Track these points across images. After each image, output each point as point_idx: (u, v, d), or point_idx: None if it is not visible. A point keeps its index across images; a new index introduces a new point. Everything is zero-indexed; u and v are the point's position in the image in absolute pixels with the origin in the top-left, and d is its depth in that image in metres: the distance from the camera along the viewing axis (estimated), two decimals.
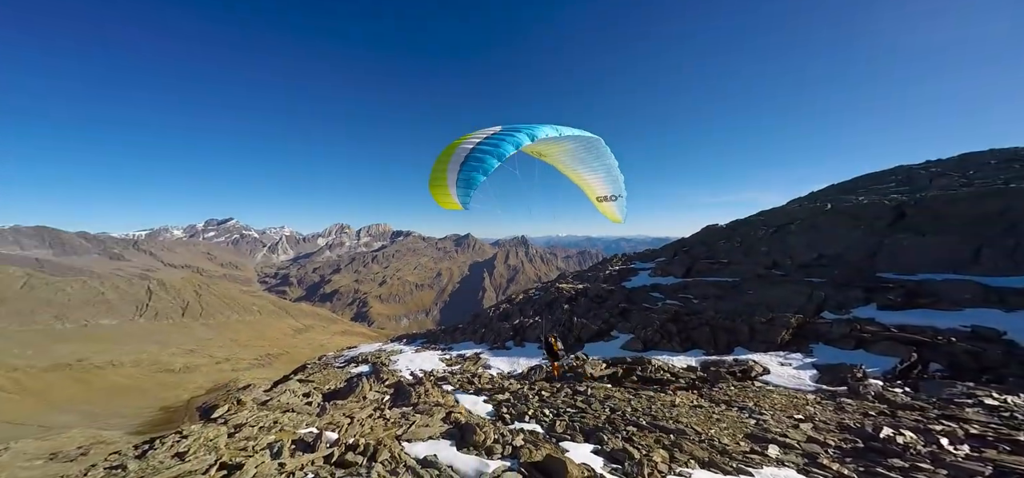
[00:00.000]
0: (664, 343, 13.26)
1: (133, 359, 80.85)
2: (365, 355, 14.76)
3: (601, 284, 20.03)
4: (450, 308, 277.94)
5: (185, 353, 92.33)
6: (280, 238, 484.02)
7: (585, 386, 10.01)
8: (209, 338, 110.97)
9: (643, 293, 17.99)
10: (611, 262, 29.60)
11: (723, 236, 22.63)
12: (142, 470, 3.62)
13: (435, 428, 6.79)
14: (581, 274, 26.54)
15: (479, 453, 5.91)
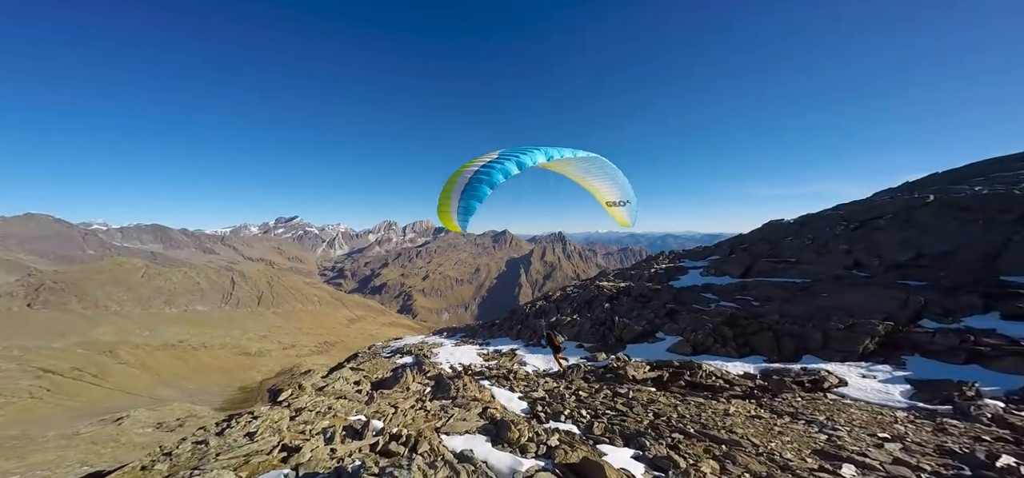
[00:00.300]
0: (717, 347, 12.35)
1: (220, 342, 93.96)
2: (409, 347, 15.61)
3: (645, 283, 19.13)
4: (487, 303, 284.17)
5: (259, 338, 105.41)
6: (337, 234, 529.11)
7: (626, 388, 9.65)
8: (278, 325, 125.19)
9: (693, 293, 16.88)
10: (657, 260, 28.13)
11: (790, 232, 20.43)
12: (219, 446, 4.16)
13: (471, 423, 6.98)
14: (623, 272, 25.52)
15: (513, 451, 5.95)
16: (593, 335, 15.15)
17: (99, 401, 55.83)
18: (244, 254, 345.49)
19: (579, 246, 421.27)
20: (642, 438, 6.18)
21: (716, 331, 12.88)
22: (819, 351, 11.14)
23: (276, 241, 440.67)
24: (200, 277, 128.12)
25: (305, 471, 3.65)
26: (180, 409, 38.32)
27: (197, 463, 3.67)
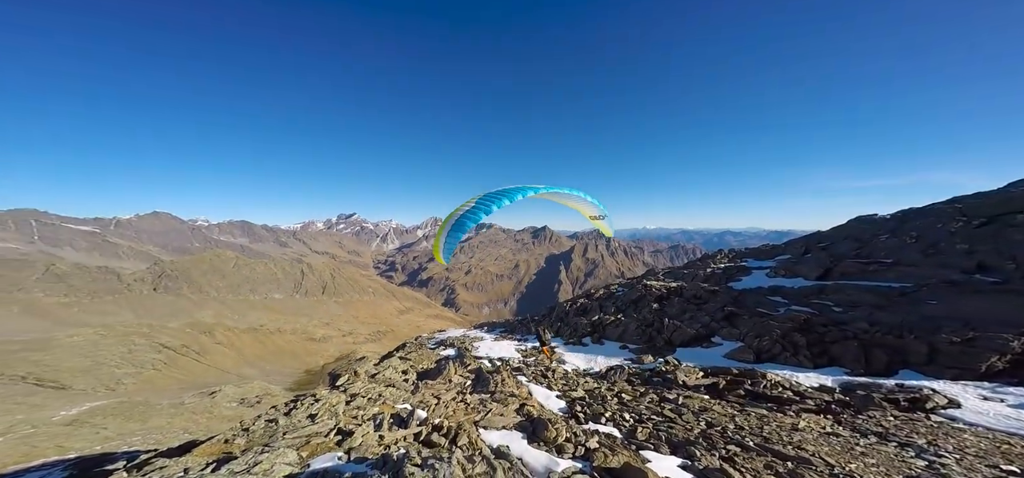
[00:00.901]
0: (786, 356, 11.17)
1: (291, 327, 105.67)
2: (452, 339, 16.25)
3: (700, 283, 17.80)
4: (526, 299, 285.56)
5: (323, 325, 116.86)
6: (389, 230, 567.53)
7: (675, 394, 9.13)
8: (339, 314, 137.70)
9: (757, 296, 15.38)
10: (714, 259, 25.98)
11: (886, 229, 17.69)
12: (286, 426, 4.72)
13: (509, 419, 7.08)
14: (674, 271, 23.90)
15: (549, 450, 5.93)
16: (639, 336, 14.49)
17: (199, 375, 66.42)
18: (311, 248, 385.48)
19: (624, 243, 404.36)
20: (692, 447, 5.82)
21: (785, 338, 11.60)
22: (923, 367, 9.55)
23: (338, 236, 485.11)
24: (276, 268, 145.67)
25: (356, 455, 3.99)
26: (259, 387, 44.27)
27: (267, 440, 4.20)
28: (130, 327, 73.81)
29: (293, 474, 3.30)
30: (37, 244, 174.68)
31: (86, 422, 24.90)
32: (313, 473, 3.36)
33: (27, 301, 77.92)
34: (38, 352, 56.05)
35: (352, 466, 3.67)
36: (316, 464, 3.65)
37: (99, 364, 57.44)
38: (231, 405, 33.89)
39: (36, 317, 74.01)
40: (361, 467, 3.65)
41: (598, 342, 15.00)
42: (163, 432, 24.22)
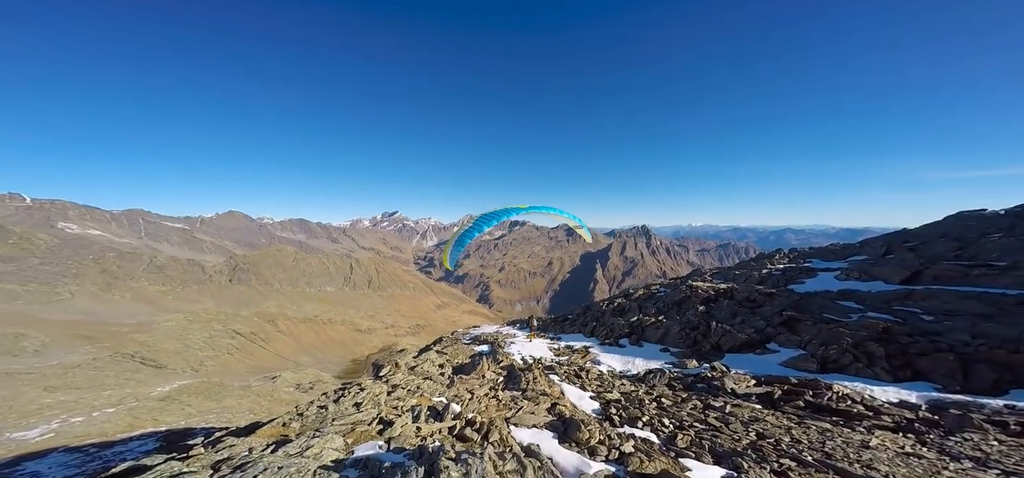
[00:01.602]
0: (858, 367, 10.01)
1: (341, 319, 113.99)
2: (486, 335, 16.56)
3: (754, 285, 16.42)
4: (560, 297, 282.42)
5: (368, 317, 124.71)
6: (428, 227, 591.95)
7: (722, 402, 8.59)
8: (383, 307, 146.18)
9: (823, 300, 13.89)
10: (771, 259, 23.76)
11: (999, 227, 15.14)
12: (334, 413, 5.15)
13: (540, 417, 7.10)
14: (723, 272, 22.08)
15: (581, 451, 5.86)
16: (682, 340, 13.74)
17: (263, 361, 74.39)
18: (359, 244, 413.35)
19: (666, 241, 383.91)
20: (739, 459, 5.45)
21: (859, 347, 10.35)
22: None
23: (382, 233, 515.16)
24: (329, 263, 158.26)
25: (395, 444, 4.26)
26: (312, 374, 48.66)
27: (318, 425, 4.62)
28: (211, 314, 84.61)
29: (339, 459, 3.61)
30: (144, 239, 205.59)
31: (175, 399, 29.05)
32: (356, 459, 3.64)
33: (136, 289, 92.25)
34: (143, 334, 66.23)
35: (391, 455, 3.93)
36: (359, 451, 3.95)
37: (187, 347, 66.65)
38: (289, 390, 37.70)
39: (142, 303, 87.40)
40: (399, 457, 3.89)
41: (636, 344, 14.45)
42: (233, 412, 27.56)
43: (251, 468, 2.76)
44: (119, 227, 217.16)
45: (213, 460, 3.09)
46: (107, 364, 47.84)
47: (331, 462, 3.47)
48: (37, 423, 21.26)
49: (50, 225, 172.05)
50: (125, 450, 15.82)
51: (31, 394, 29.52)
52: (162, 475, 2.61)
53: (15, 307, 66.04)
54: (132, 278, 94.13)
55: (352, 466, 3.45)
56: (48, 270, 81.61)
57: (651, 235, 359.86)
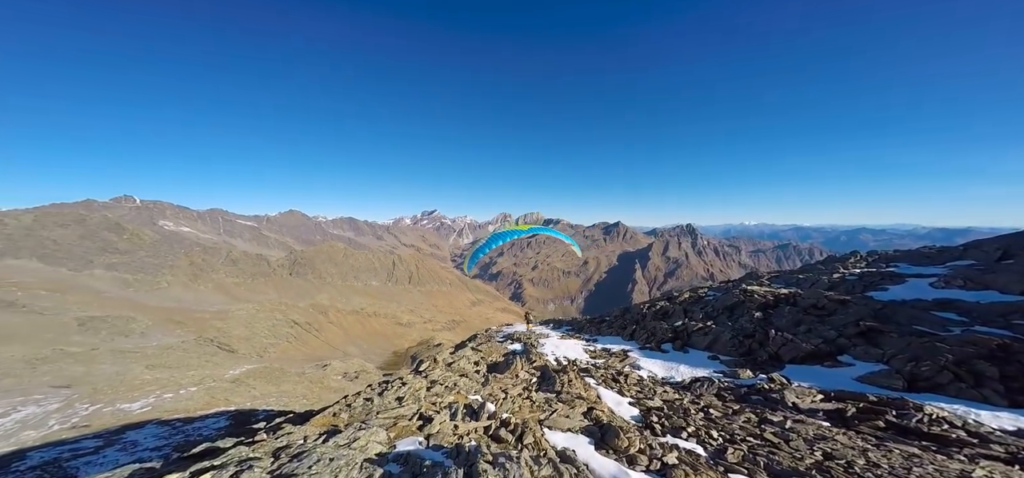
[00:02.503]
0: (959, 388, 8.64)
1: (384, 312, 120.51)
2: (519, 334, 16.57)
3: (823, 291, 14.79)
4: (595, 298, 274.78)
5: (408, 312, 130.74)
6: (464, 225, 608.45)
7: (782, 416, 7.86)
8: (421, 302, 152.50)
9: (914, 310, 12.15)
10: (845, 262, 21.13)
11: None
12: (379, 405, 5.45)
13: (575, 422, 6.96)
14: (784, 275, 19.92)
15: (619, 459, 5.65)
16: (734, 348, 12.74)
17: (316, 349, 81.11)
18: (401, 241, 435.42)
19: (715, 240, 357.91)
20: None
21: (962, 366, 8.90)
22: None
23: (421, 231, 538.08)
24: (374, 259, 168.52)
25: (434, 441, 4.41)
26: (358, 364, 52.17)
27: (364, 417, 4.92)
28: (274, 304, 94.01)
29: (382, 452, 3.81)
30: (222, 235, 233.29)
31: (243, 381, 32.66)
32: (398, 454, 3.81)
33: (216, 280, 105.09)
34: (220, 321, 75.26)
35: (430, 452, 4.07)
36: (401, 446, 4.14)
37: (254, 334, 74.71)
38: (337, 378, 40.81)
39: (220, 292, 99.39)
40: (438, 455, 4.02)
41: (681, 350, 13.63)
42: (289, 396, 30.39)
43: (306, 458, 3.00)
44: (203, 224, 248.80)
45: (274, 447, 3.42)
46: (192, 347, 55.18)
47: (375, 455, 3.68)
48: (139, 397, 25.12)
49: (153, 223, 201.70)
50: (202, 426, 18.13)
51: (136, 370, 34.89)
52: (233, 459, 2.93)
53: (127, 293, 78.35)
54: (213, 270, 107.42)
55: (394, 460, 3.63)
56: (151, 262, 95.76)
57: (697, 234, 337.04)
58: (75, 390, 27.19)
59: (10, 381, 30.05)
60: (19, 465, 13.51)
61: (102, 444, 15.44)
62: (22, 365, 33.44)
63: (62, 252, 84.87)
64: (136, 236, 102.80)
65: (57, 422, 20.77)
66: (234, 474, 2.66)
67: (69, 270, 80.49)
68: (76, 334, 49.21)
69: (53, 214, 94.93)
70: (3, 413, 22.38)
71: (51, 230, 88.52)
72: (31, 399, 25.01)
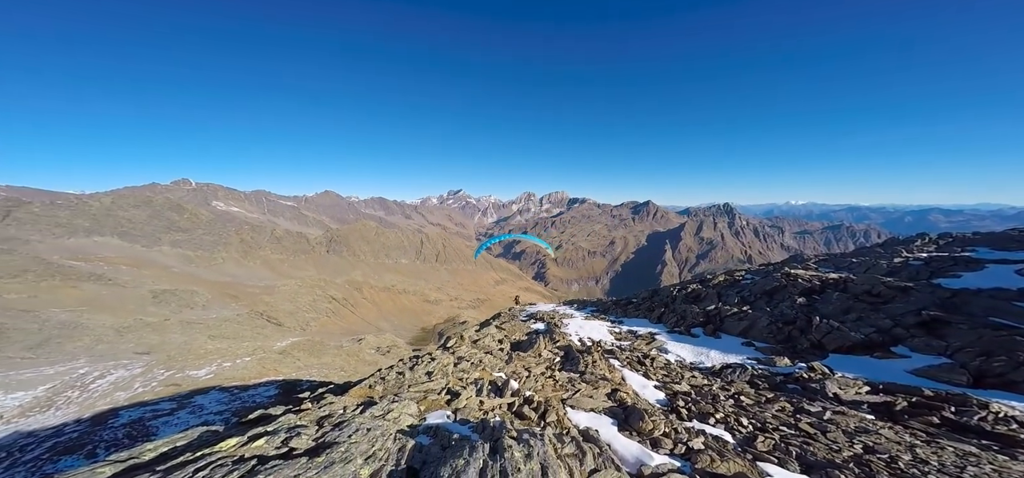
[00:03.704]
0: None
1: (413, 289, 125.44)
2: (542, 314, 16.70)
3: (880, 276, 13.59)
4: (621, 279, 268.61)
5: (435, 289, 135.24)
6: (488, 205, 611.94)
7: (820, 407, 7.54)
8: (448, 280, 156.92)
9: (991, 300, 10.91)
10: (908, 245, 19.09)
11: None
12: (410, 379, 5.79)
13: (598, 402, 7.02)
14: (833, 258, 18.29)
15: (643, 441, 5.68)
16: (771, 335, 12.14)
17: (352, 324, 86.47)
18: (428, 220, 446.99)
19: (755, 221, 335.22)
20: (836, 472, 4.80)
21: None
22: None
23: (447, 210, 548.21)
24: (403, 238, 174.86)
25: (461, 415, 4.64)
26: (389, 339, 55.24)
27: (397, 390, 5.25)
28: (314, 281, 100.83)
29: (413, 424, 4.07)
30: (267, 215, 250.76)
31: (289, 353, 35.70)
32: (428, 426, 4.06)
33: (263, 257, 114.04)
34: (267, 295, 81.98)
35: (458, 426, 4.29)
36: (430, 418, 4.40)
37: (298, 308, 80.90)
38: (371, 352, 43.57)
39: (267, 268, 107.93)
40: (464, 428, 4.24)
41: (713, 335, 13.18)
42: (329, 368, 32.89)
43: (346, 427, 3.28)
44: (250, 205, 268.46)
45: (318, 416, 3.77)
46: (245, 320, 60.89)
47: (407, 427, 3.94)
48: (203, 365, 28.33)
49: (207, 203, 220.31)
50: (256, 393, 20.22)
51: (200, 340, 39.18)
52: (283, 426, 3.27)
53: (190, 269, 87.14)
54: (260, 247, 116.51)
55: (424, 432, 3.87)
56: (208, 239, 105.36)
57: (735, 214, 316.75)
58: (153, 356, 31.14)
59: (104, 347, 34.92)
60: (114, 422, 15.90)
61: (176, 407, 17.73)
62: (112, 332, 38.66)
63: (136, 230, 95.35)
64: (194, 216, 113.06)
65: (140, 385, 24.02)
66: (285, 439, 2.96)
67: (142, 246, 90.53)
68: (151, 305, 55.82)
69: (126, 196, 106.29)
70: (100, 375, 26.18)
71: (126, 211, 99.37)
72: (120, 363, 29.00)
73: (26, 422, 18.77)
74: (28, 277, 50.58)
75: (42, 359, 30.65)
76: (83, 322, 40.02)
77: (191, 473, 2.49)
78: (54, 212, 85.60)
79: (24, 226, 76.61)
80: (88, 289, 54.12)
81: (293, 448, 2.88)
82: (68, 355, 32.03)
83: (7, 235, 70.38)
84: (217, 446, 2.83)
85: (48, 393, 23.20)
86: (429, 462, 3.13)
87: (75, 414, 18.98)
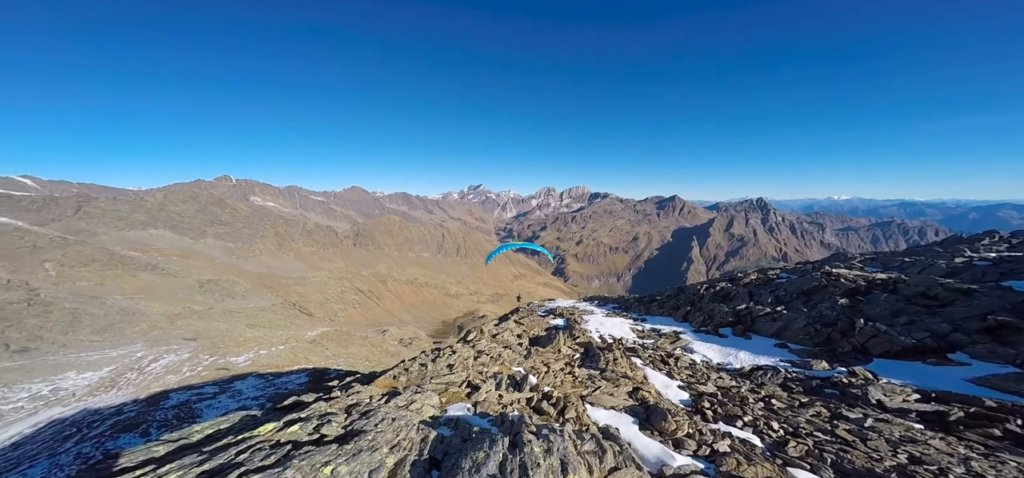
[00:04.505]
0: None
1: (434, 283, 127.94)
2: (561, 309, 16.58)
3: (938, 277, 12.49)
4: (643, 276, 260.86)
5: (456, 283, 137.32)
6: (508, 200, 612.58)
7: (861, 413, 7.10)
8: (468, 274, 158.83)
9: None
10: (975, 243, 17.31)
11: None
12: (432, 371, 5.94)
13: (619, 400, 6.92)
14: (882, 257, 16.82)
15: (665, 441, 5.56)
16: (809, 337, 11.47)
17: (377, 315, 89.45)
18: (449, 215, 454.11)
19: (791, 216, 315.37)
20: None
21: None
22: None
23: (468, 205, 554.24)
24: (425, 232, 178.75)
25: (480, 409, 4.72)
26: (411, 331, 56.82)
27: (420, 381, 5.41)
28: (342, 272, 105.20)
29: (435, 415, 4.19)
30: (299, 210, 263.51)
31: (319, 343, 37.50)
32: (449, 418, 4.16)
33: (296, 249, 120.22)
34: (299, 286, 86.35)
35: (478, 419, 4.37)
36: (451, 411, 4.51)
37: (327, 299, 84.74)
38: (394, 343, 45.03)
39: (299, 261, 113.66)
40: (484, 422, 4.31)
41: (742, 335, 12.61)
42: (355, 358, 34.29)
43: (373, 416, 3.43)
44: (283, 199, 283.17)
45: (347, 404, 3.96)
46: (280, 310, 64.55)
47: (429, 418, 4.06)
48: (242, 352, 30.35)
49: (246, 198, 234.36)
50: (288, 380, 21.46)
51: (240, 328, 41.95)
52: (315, 413, 3.47)
53: (231, 260, 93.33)
54: (293, 240, 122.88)
55: (445, 424, 3.97)
56: (247, 232, 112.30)
57: (770, 209, 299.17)
58: (199, 343, 33.74)
59: (157, 332, 38.19)
60: (165, 403, 17.43)
61: (218, 391, 19.15)
62: (164, 319, 42.19)
63: (185, 223, 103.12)
64: (235, 210, 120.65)
65: (188, 369, 26.13)
66: (316, 426, 3.14)
67: (190, 239, 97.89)
68: (198, 294, 60.35)
69: (176, 192, 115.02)
70: (154, 359, 28.71)
71: (176, 205, 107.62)
72: (171, 349, 31.65)
73: (93, 400, 20.97)
74: (96, 266, 56.02)
75: (107, 342, 33.99)
76: (140, 309, 43.95)
77: (233, 455, 2.69)
78: (116, 207, 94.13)
79: (93, 219, 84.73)
80: (145, 278, 59.25)
81: (324, 435, 3.05)
82: (128, 339, 35.33)
83: (79, 227, 78.11)
84: (256, 431, 3.04)
85: (111, 374, 25.75)
86: (450, 453, 3.22)
87: (133, 395, 20.97)
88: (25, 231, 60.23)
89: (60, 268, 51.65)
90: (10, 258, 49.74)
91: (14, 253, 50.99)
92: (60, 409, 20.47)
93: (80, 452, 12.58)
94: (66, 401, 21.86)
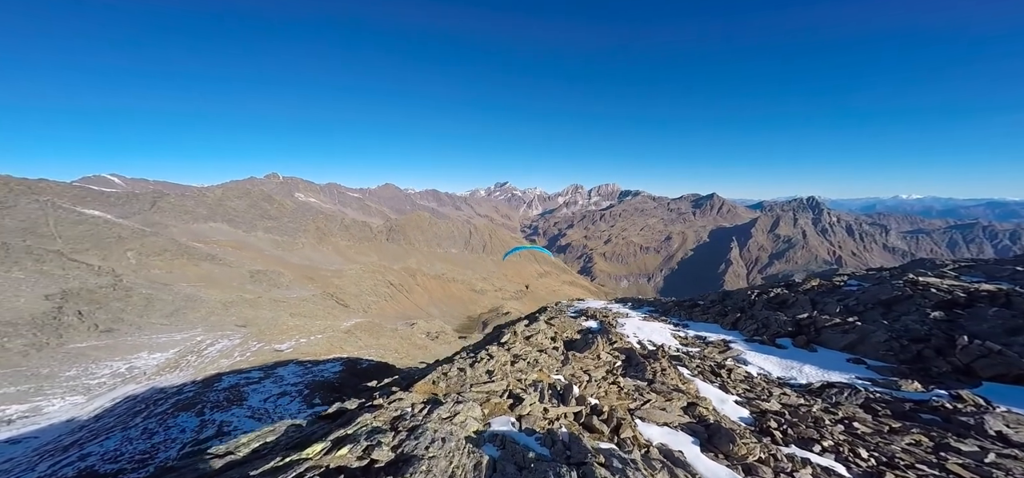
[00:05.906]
0: None
1: (461, 278, 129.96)
2: (593, 311, 15.75)
3: None
4: (676, 278, 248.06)
5: (481, 279, 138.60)
6: (534, 197, 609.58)
7: (977, 446, 6.03)
8: (493, 271, 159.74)
9: None
10: None
11: None
12: (471, 378, 5.61)
13: (672, 416, 6.23)
14: (984, 264, 14.25)
15: (733, 466, 4.91)
16: (892, 353, 10.00)
17: (406, 308, 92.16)
18: (476, 211, 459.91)
19: (848, 216, 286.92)
20: None
21: None
22: None
23: (494, 202, 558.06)
24: (453, 228, 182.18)
25: (525, 424, 4.30)
26: (438, 325, 57.83)
27: (460, 389, 5.09)
28: (375, 266, 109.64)
29: (479, 430, 3.82)
30: (337, 205, 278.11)
31: (353, 333, 39.03)
32: (494, 433, 3.77)
33: (334, 243, 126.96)
34: (337, 279, 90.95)
35: (524, 436, 3.95)
36: (495, 425, 4.12)
37: (362, 291, 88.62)
38: (421, 336, 45.96)
39: (337, 254, 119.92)
40: (531, 439, 3.88)
41: (805, 348, 11.26)
42: (385, 349, 35.27)
43: (422, 435, 3.15)
44: (324, 196, 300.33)
45: (391, 416, 3.70)
46: (319, 300, 68.32)
47: (474, 432, 3.70)
48: (285, 339, 32.24)
49: (291, 194, 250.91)
50: (324, 368, 22.39)
51: (284, 317, 44.73)
52: (362, 428, 3.22)
53: (278, 252, 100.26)
54: (332, 235, 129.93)
55: (490, 441, 3.59)
56: (291, 226, 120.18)
57: (822, 209, 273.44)
58: (249, 329, 36.31)
59: (215, 318, 41.65)
60: (218, 385, 18.75)
61: (263, 376, 20.34)
62: (220, 306, 45.97)
63: (239, 218, 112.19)
64: (281, 206, 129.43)
65: (239, 354, 28.12)
66: (366, 448, 2.87)
67: (243, 232, 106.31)
68: (249, 284, 65.32)
69: (232, 188, 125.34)
70: (211, 343, 31.24)
71: (232, 201, 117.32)
72: (225, 334, 34.31)
73: (160, 380, 23.08)
74: (166, 256, 62.30)
75: (173, 326, 37.54)
76: (201, 296, 48.18)
77: None
78: (184, 202, 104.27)
79: (165, 213, 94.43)
80: (205, 268, 65.04)
81: (375, 460, 2.77)
82: (190, 324, 38.80)
83: (154, 221, 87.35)
84: (304, 453, 2.81)
85: (175, 356, 28.29)
86: None
87: (192, 376, 22.84)
88: (112, 223, 68.24)
89: (139, 257, 57.97)
90: (101, 247, 56.54)
91: (104, 243, 57.89)
92: (133, 386, 22.73)
93: (147, 427, 13.76)
94: (139, 379, 24.26)
